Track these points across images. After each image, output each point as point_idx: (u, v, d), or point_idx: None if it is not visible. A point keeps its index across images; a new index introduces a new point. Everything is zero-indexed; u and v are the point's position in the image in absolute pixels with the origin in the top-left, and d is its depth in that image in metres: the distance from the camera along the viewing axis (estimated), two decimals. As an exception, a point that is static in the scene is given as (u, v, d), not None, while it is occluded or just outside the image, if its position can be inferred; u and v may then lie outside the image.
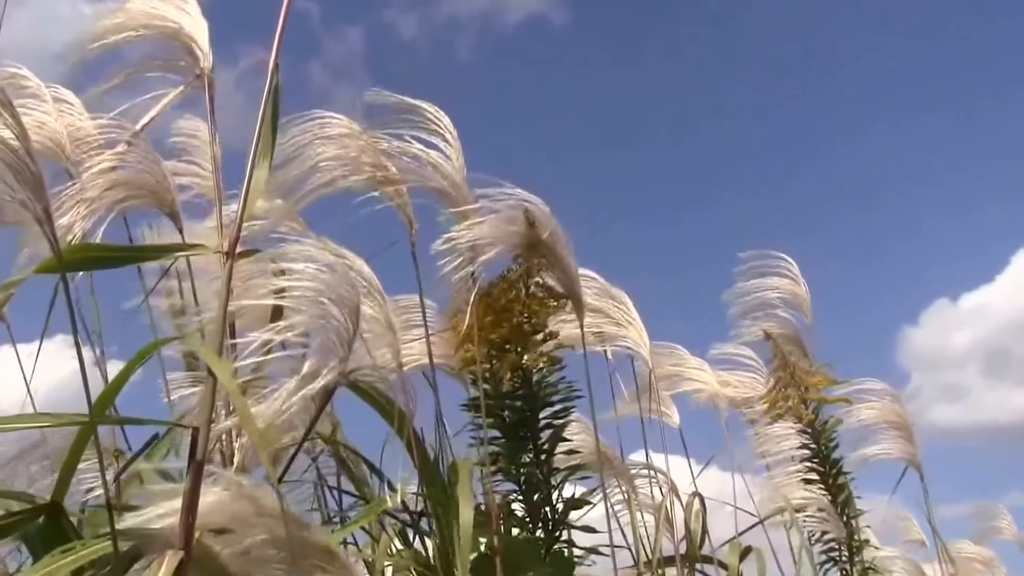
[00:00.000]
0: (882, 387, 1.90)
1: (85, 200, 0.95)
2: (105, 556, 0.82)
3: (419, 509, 1.27)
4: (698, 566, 1.67)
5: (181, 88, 1.00)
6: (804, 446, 1.76)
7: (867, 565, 1.76)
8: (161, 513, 0.79)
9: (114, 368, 1.27)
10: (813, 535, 1.77)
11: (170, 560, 0.79)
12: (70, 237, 0.96)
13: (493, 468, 1.21)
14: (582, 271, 1.39)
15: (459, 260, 1.16)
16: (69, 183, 1.00)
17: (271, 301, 0.82)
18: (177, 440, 1.05)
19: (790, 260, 1.95)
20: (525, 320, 1.14)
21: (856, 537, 1.75)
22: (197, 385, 1.05)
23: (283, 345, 0.86)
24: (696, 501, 1.70)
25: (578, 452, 1.28)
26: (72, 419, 0.83)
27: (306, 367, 0.83)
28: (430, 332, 1.25)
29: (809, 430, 1.75)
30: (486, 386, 1.20)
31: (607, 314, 1.65)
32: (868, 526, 1.89)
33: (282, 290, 0.82)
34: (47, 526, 0.87)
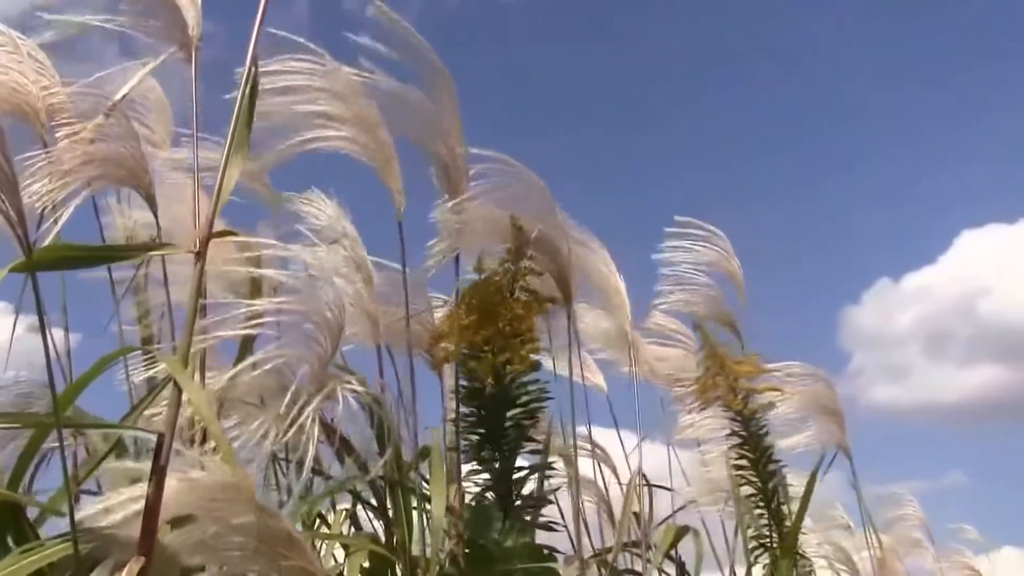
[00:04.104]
0: (812, 371, 1.87)
1: (57, 172, 0.88)
2: (67, 558, 0.80)
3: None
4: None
5: (164, 56, 0.92)
6: (734, 433, 1.76)
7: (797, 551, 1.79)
8: (124, 513, 0.77)
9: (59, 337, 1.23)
10: (746, 520, 1.79)
11: (131, 568, 0.78)
12: (38, 206, 0.89)
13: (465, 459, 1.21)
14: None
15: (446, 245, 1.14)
16: (42, 150, 0.92)
17: (247, 331, 0.78)
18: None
19: (721, 234, 1.86)
20: (508, 324, 1.12)
21: (786, 523, 1.78)
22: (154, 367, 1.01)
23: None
24: (639, 480, 1.72)
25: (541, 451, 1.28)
26: (35, 421, 0.79)
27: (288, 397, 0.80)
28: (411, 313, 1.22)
29: (739, 418, 1.75)
30: (464, 383, 1.18)
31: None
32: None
33: (259, 314, 0.78)
34: (5, 525, 0.84)
